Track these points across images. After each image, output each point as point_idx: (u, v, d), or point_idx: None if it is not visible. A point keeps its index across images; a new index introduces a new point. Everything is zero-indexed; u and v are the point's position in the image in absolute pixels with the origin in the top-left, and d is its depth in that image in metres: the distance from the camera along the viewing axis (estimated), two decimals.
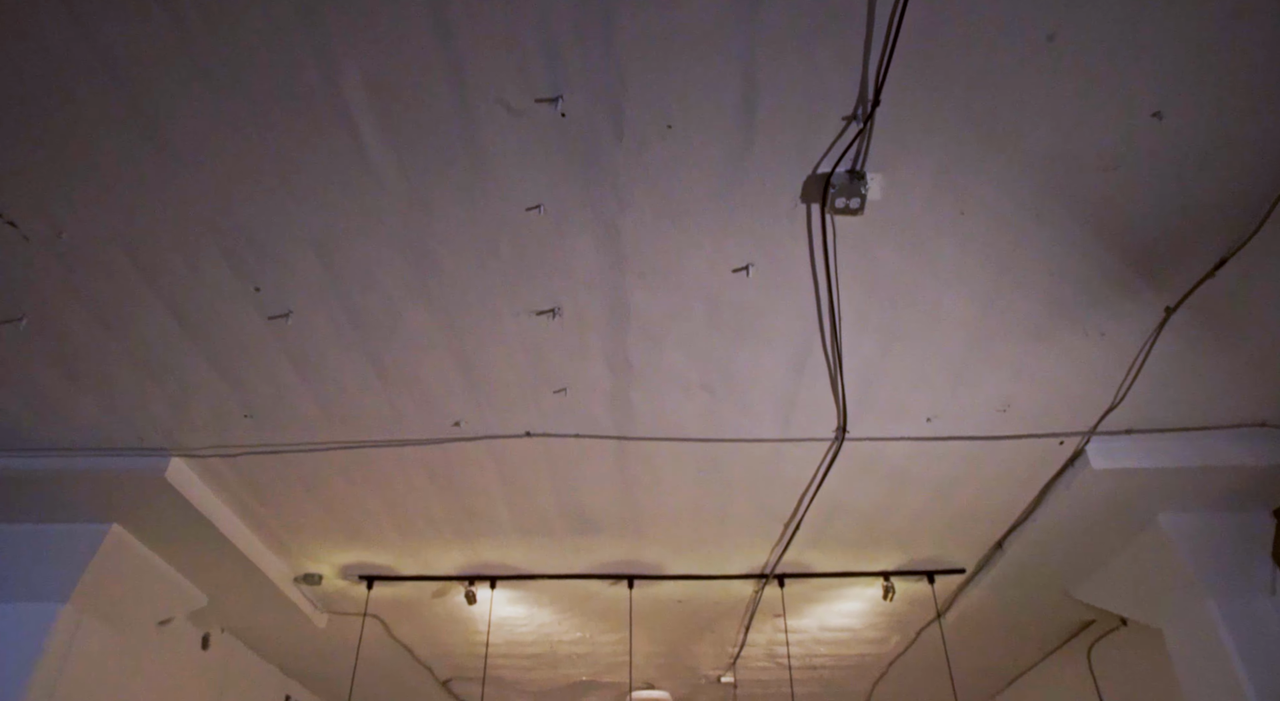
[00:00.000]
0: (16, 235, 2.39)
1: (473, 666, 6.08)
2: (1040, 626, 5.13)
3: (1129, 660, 5.03)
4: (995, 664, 5.70)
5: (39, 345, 2.83)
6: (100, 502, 3.67)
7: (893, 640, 5.52)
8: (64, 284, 2.58)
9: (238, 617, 4.95)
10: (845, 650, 5.64)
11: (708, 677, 6.23)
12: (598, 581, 4.59)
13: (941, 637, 5.15)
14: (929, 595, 4.82)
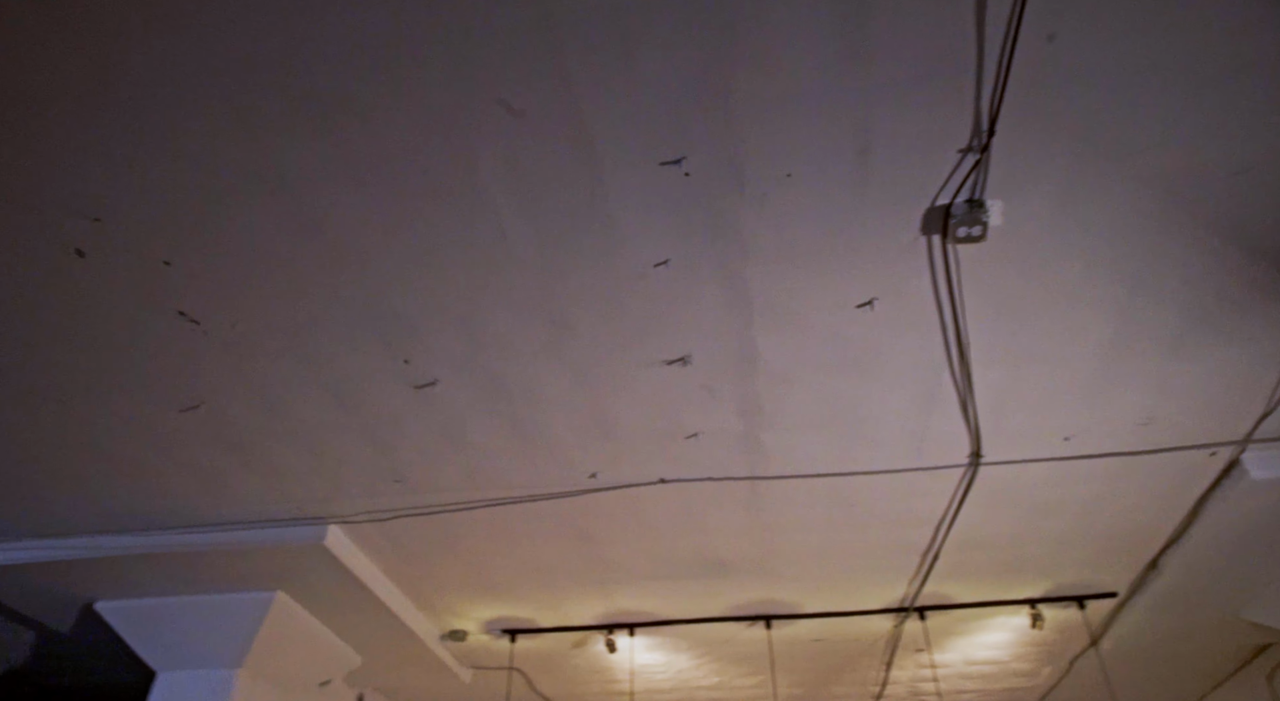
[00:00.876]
0: (198, 331, 2.65)
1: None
2: (1209, 652, 4.84)
3: None
4: (1160, 694, 5.39)
5: (211, 430, 3.09)
6: (265, 572, 3.93)
7: (1044, 672, 5.29)
8: (235, 372, 2.82)
9: (388, 677, 5.15)
10: (993, 684, 5.44)
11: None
12: (734, 624, 4.59)
13: (1100, 667, 4.92)
14: (1080, 622, 4.61)
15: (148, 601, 4.21)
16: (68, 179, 2.17)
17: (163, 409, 2.98)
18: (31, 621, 4.66)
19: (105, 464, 3.29)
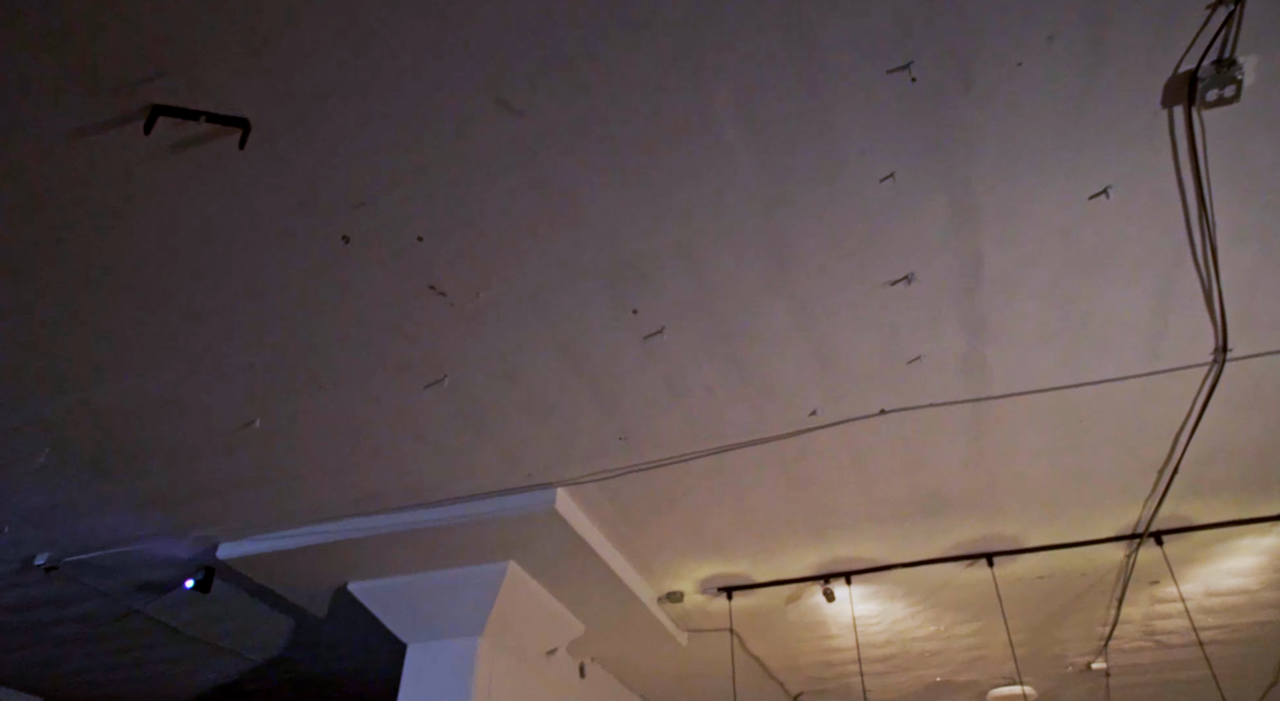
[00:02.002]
0: (444, 303, 2.86)
1: (823, 676, 6.12)
2: None
3: None
4: None
5: (453, 404, 3.33)
6: (499, 543, 4.18)
7: None
8: (476, 342, 3.03)
9: (608, 644, 5.34)
10: (1239, 617, 5.09)
11: (1075, 666, 5.85)
12: (953, 566, 4.51)
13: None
14: None
15: (395, 579, 4.55)
16: (339, 171, 2.40)
17: (410, 386, 3.23)
18: (291, 608, 5.12)
19: (358, 447, 3.59)
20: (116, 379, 3.22)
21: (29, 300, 2.81)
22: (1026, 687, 6.10)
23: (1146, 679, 6.08)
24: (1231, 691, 6.27)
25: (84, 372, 3.18)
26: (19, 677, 6.62)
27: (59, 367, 3.14)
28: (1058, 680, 6.06)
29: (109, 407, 3.39)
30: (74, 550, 4.56)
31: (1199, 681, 6.14)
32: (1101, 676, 6.01)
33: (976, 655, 5.71)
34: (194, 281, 2.75)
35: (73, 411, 3.42)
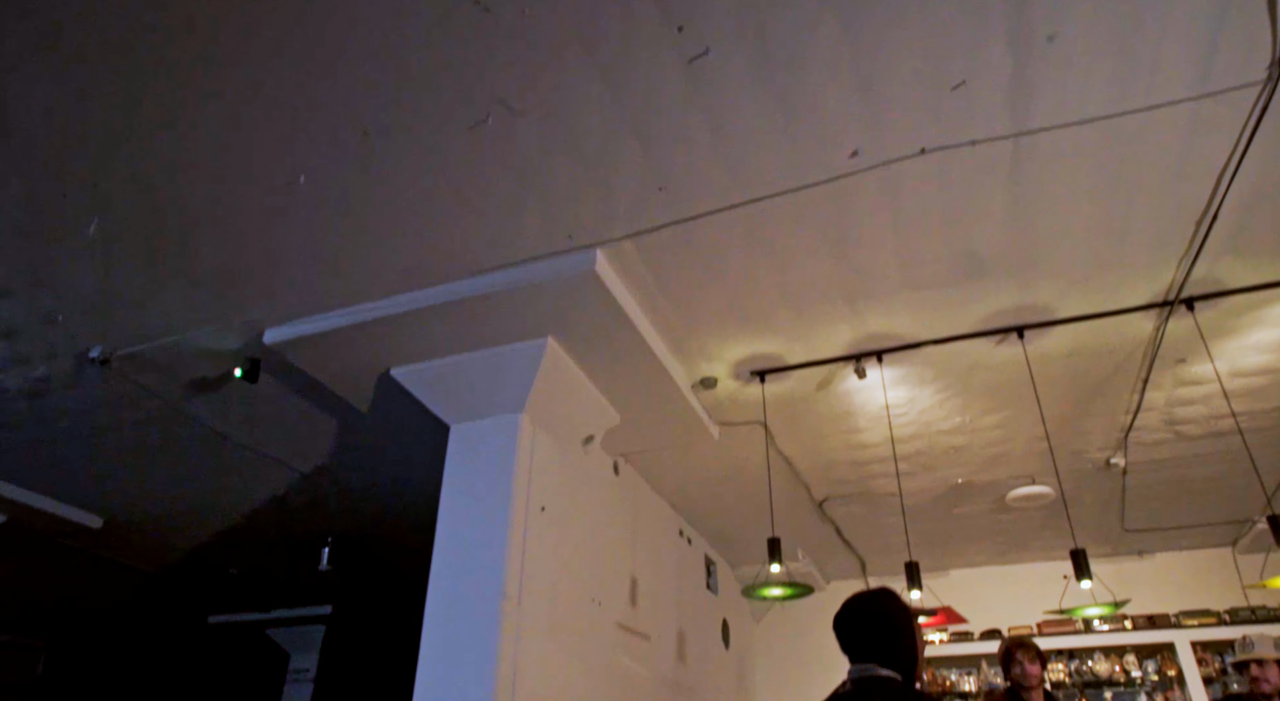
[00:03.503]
0: (489, 20, 2.83)
1: (848, 479, 6.35)
2: None
3: None
4: None
5: (496, 149, 3.34)
6: (538, 316, 4.27)
7: None
8: (519, 71, 3.01)
9: (640, 438, 5.53)
10: (1260, 403, 5.19)
11: (1093, 462, 6.03)
12: (984, 344, 4.60)
13: None
14: None
15: (436, 362, 4.69)
16: None
17: (454, 128, 3.23)
18: (335, 407, 5.31)
19: (401, 208, 3.64)
20: (159, 135, 3.25)
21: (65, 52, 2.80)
22: (1045, 487, 6.31)
23: (1162, 476, 6.27)
24: (1244, 489, 6.48)
25: (126, 128, 3.20)
26: (81, 495, 6.97)
27: (101, 124, 3.17)
28: (1076, 479, 6.23)
29: (153, 170, 3.44)
30: (126, 342, 4.71)
31: (1212, 480, 6.34)
32: (1118, 475, 6.20)
33: (999, 451, 5.89)
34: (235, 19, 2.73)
35: (118, 172, 3.47)
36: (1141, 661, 7.39)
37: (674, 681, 6.24)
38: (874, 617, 2.34)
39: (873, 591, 2.41)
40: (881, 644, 2.27)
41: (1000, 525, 7.12)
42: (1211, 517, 7.06)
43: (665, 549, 6.66)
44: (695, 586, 7.21)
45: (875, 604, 2.38)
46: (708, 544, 7.56)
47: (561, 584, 4.77)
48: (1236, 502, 6.79)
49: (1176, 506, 6.86)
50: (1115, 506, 6.79)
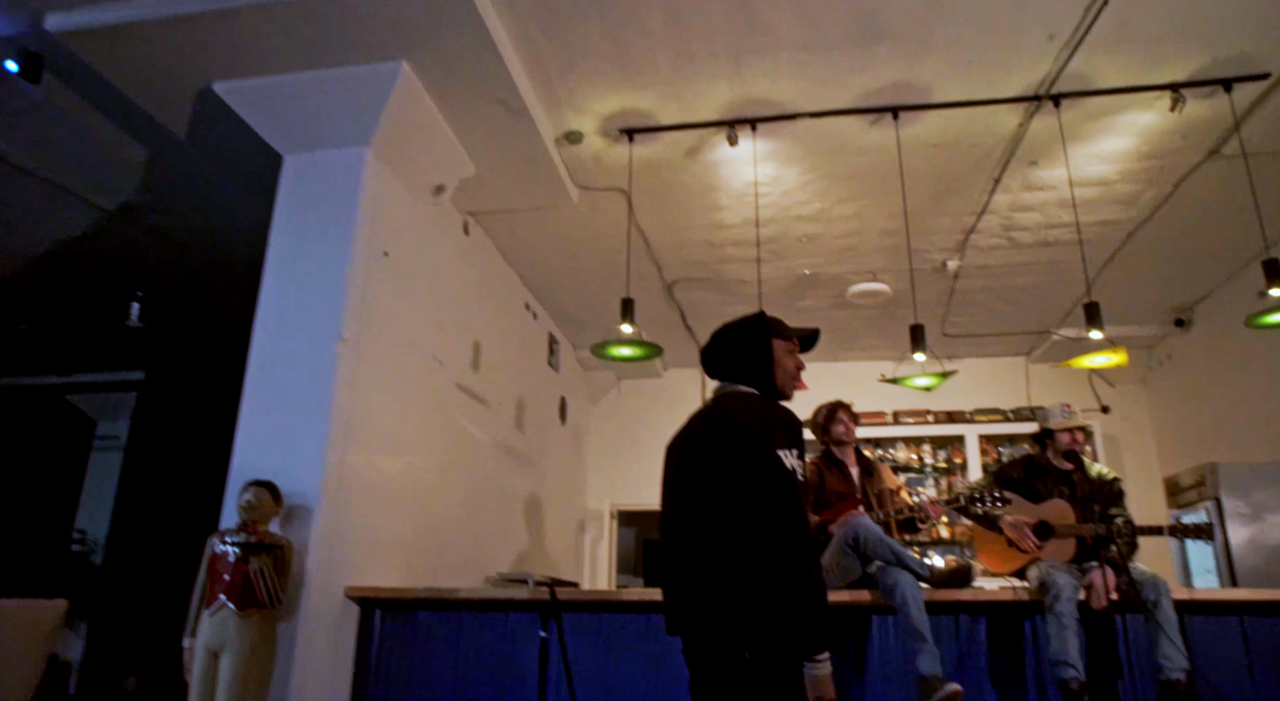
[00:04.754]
0: None
1: (702, 261, 6.36)
2: None
3: None
4: (1246, 236, 5.37)
5: None
6: (394, 32, 3.74)
7: (1145, 196, 5.33)
8: None
9: (495, 196, 5.20)
10: (1089, 214, 5.50)
11: (932, 263, 6.30)
12: (857, 123, 4.52)
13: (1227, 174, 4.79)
14: (1206, 127, 4.53)
15: (270, 80, 4.08)
16: None
17: None
18: (145, 131, 4.60)
19: None
20: None
21: None
22: (883, 286, 6.60)
23: (986, 283, 6.69)
24: (1052, 302, 7.06)
25: None
26: None
27: None
28: (911, 277, 6.50)
29: None
30: None
31: (1027, 290, 6.84)
32: (949, 278, 6.55)
33: (849, 244, 6.03)
34: None
35: None
36: (936, 451, 8.26)
37: (510, 447, 6.34)
38: (732, 338, 2.32)
39: (739, 319, 2.37)
40: (738, 362, 2.27)
41: (836, 321, 7.47)
42: (1016, 328, 7.71)
43: (510, 319, 6.54)
44: (537, 361, 7.21)
45: (736, 326, 2.35)
46: (553, 321, 7.51)
47: (403, 336, 4.55)
48: (1040, 315, 7.41)
49: (990, 315, 7.40)
50: (940, 311, 7.25)
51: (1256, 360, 6.31)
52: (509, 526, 6.34)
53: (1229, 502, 5.38)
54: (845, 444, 4.30)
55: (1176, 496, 6.06)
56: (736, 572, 1.92)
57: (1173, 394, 7.89)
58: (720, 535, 1.98)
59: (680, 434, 2.27)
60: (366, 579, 3.98)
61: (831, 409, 4.33)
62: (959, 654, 3.63)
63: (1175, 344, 7.63)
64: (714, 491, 2.03)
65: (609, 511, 8.61)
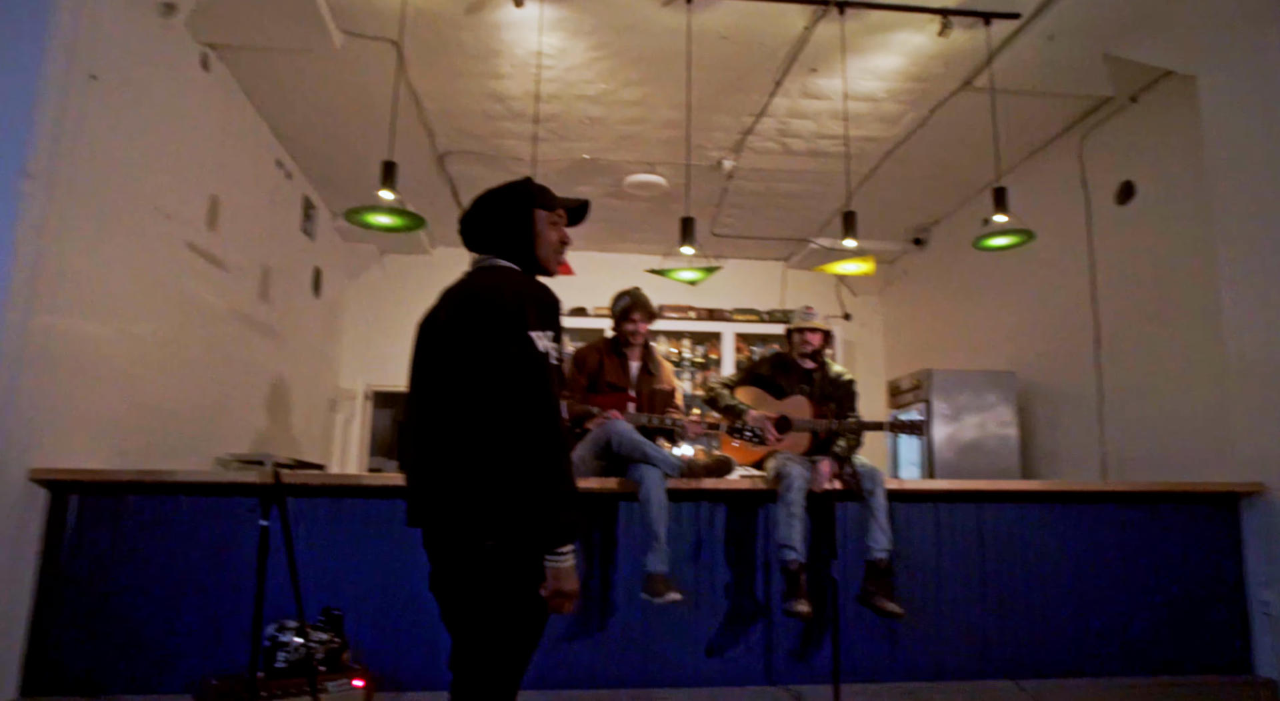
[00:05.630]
0: None
1: (478, 133, 5.97)
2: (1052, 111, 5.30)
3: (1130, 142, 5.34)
4: (985, 160, 5.88)
5: None
6: None
7: (906, 117, 5.64)
8: None
9: (244, 26, 4.48)
10: (856, 129, 5.75)
11: (709, 160, 6.35)
12: (651, 1, 4.32)
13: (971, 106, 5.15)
14: (964, 58, 4.81)
15: None
16: None
17: None
18: None
19: None
20: None
21: None
22: (660, 178, 6.58)
23: (758, 186, 6.89)
24: (813, 211, 7.44)
25: None
26: None
27: None
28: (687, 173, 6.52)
29: None
30: None
31: (794, 197, 7.14)
32: (724, 177, 6.65)
33: (632, 131, 5.90)
34: None
35: None
36: (695, 346, 8.61)
37: (253, 319, 5.75)
38: (492, 204, 2.11)
39: (503, 185, 2.15)
40: (497, 231, 2.08)
41: (611, 210, 7.40)
42: (780, 233, 8.08)
43: (258, 175, 5.80)
44: (289, 226, 6.52)
45: (498, 192, 2.13)
46: (310, 183, 6.79)
47: (117, 179, 3.87)
48: (802, 223, 7.80)
49: (758, 218, 7.68)
50: (711, 210, 7.39)
51: (977, 280, 7.07)
52: (249, 405, 5.82)
53: (937, 404, 6.07)
54: (632, 344, 4.28)
55: (896, 397, 6.75)
56: (480, 459, 1.80)
57: (904, 306, 8.72)
58: (465, 419, 1.84)
59: (432, 310, 2.06)
60: (62, 460, 3.46)
61: (628, 307, 4.26)
62: (698, 539, 3.83)
63: (912, 261, 8.36)
64: (460, 373, 1.87)
65: (364, 391, 8.21)
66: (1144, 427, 5.11)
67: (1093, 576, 3.99)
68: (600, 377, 4.17)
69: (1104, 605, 3.97)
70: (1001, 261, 6.29)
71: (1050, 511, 4.05)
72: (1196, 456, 4.55)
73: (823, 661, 3.68)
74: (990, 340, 6.88)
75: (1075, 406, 5.76)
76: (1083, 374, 5.66)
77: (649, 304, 4.29)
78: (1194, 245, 4.63)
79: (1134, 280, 5.27)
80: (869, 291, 9.02)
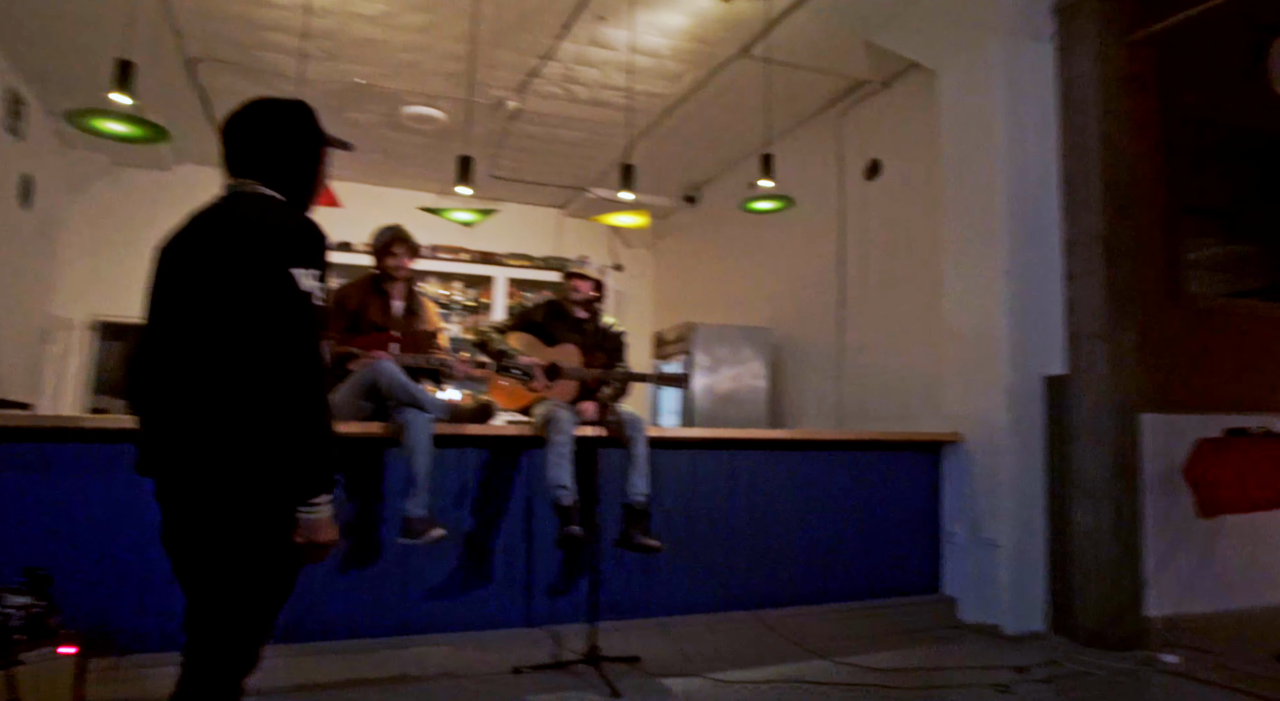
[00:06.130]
0: None
1: (238, 42, 5.39)
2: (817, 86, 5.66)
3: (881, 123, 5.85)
4: (755, 125, 6.20)
5: None
6: None
7: (687, 77, 5.79)
8: None
9: None
10: (639, 83, 5.83)
11: (491, 98, 6.17)
12: None
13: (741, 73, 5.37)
14: (746, 25, 5.01)
15: None
16: None
17: None
18: None
19: None
20: None
21: None
22: (439, 112, 6.31)
23: (540, 131, 6.81)
24: (592, 161, 7.48)
25: None
26: None
27: None
28: (468, 110, 6.29)
29: None
30: None
31: (574, 145, 7.14)
32: (506, 118, 6.50)
33: (412, 59, 5.58)
34: None
35: None
36: (467, 288, 8.43)
37: None
38: (272, 124, 1.89)
39: (279, 100, 1.93)
40: (273, 155, 1.87)
41: (386, 142, 6.98)
42: (558, 180, 8.06)
43: None
44: None
45: (278, 110, 1.91)
46: (17, 73, 5.79)
47: None
48: (580, 172, 7.83)
49: (537, 163, 7.60)
50: (491, 151, 7.20)
51: (742, 240, 7.49)
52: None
53: (698, 356, 6.41)
54: (395, 279, 4.08)
55: (661, 348, 7.04)
56: (228, 402, 1.66)
57: (674, 260, 9.07)
58: (213, 358, 1.68)
59: (176, 235, 1.83)
60: None
61: (389, 240, 4.04)
62: (461, 485, 3.80)
63: (682, 218, 8.69)
64: (210, 307, 1.69)
65: (86, 322, 7.26)
66: (875, 383, 5.72)
67: (825, 515, 4.45)
68: (362, 317, 3.97)
69: (832, 541, 4.44)
70: (765, 224, 6.70)
71: (791, 458, 4.44)
72: (915, 409, 5.17)
73: (580, 602, 3.82)
74: (750, 297, 7.34)
75: (819, 362, 6.32)
76: (827, 333, 6.22)
77: (412, 238, 4.12)
78: (926, 222, 5.20)
79: (875, 250, 5.83)
80: (641, 244, 9.27)
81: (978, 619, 4.32)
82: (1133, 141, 4.32)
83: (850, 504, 4.51)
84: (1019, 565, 4.23)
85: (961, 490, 4.55)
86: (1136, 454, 4.14)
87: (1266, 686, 3.37)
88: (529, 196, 8.58)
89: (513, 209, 8.65)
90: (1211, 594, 4.55)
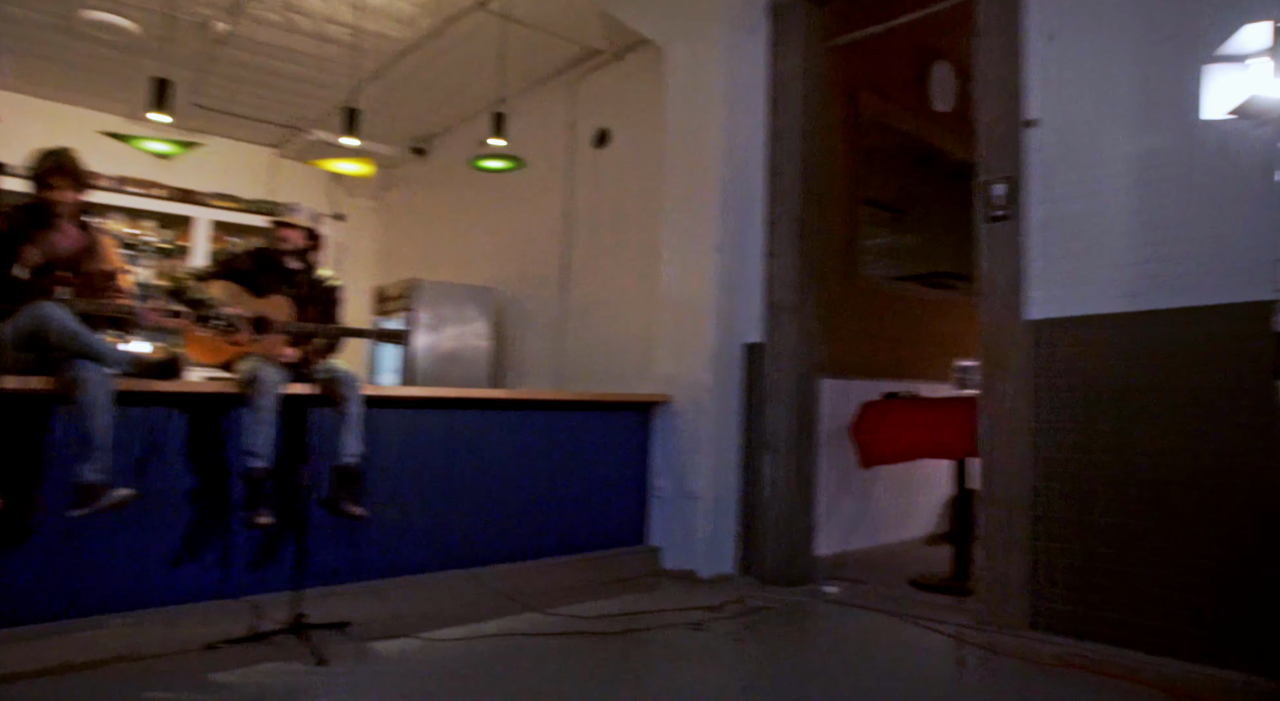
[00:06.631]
0: None
1: None
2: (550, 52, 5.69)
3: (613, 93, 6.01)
4: (490, 85, 6.12)
5: None
6: None
7: (421, 23, 5.55)
8: None
9: None
10: (368, 22, 5.49)
11: (197, 17, 5.49)
12: None
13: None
14: None
15: None
16: None
17: None
18: None
19: None
20: None
21: None
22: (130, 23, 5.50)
23: (254, 60, 6.19)
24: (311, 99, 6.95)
25: None
26: None
27: None
28: (167, 24, 5.54)
29: None
30: None
31: (293, 80, 6.58)
32: (214, 42, 5.83)
33: None
34: None
35: None
36: (161, 229, 7.49)
37: None
38: None
39: None
40: None
41: (60, 49, 5.94)
42: (273, 117, 7.38)
43: None
44: None
45: None
46: None
47: None
48: (299, 110, 7.23)
49: (249, 95, 6.90)
50: (194, 77, 6.41)
51: (470, 198, 7.38)
52: None
53: (421, 314, 6.27)
54: (59, 216, 3.50)
55: (383, 304, 6.78)
56: None
57: (400, 213, 8.72)
58: None
59: None
60: None
61: (48, 168, 3.45)
62: (150, 446, 3.43)
63: (410, 170, 8.37)
64: None
65: None
66: (595, 345, 5.95)
67: (542, 474, 4.57)
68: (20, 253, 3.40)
69: (547, 498, 4.58)
70: (494, 183, 6.66)
71: (511, 418, 4.51)
72: (630, 371, 5.45)
73: (286, 570, 3.63)
74: (476, 256, 7.28)
75: (542, 324, 6.45)
76: (551, 295, 6.35)
77: (79, 170, 3.56)
78: (648, 193, 5.46)
79: (601, 216, 6.03)
80: (365, 195, 8.82)
81: (677, 566, 4.70)
82: (825, 136, 4.83)
83: (566, 462, 4.68)
84: (715, 515, 4.65)
85: (669, 448, 4.89)
86: (815, 414, 4.70)
87: (903, 605, 4.04)
88: (239, 131, 7.81)
89: (220, 144, 7.84)
90: (868, 533, 5.34)
